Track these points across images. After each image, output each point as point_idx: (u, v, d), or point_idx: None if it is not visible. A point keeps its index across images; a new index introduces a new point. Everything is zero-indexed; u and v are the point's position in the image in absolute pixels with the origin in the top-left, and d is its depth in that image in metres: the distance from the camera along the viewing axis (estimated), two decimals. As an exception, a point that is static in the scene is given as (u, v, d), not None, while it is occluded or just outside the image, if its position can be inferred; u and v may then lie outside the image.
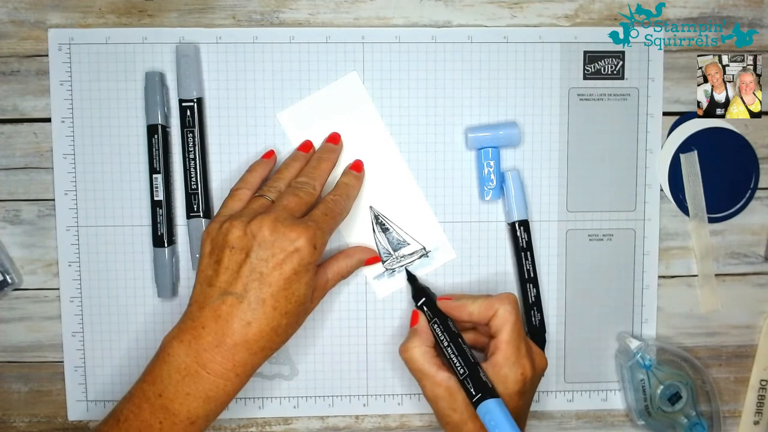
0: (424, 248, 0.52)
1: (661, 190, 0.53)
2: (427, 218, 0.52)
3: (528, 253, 0.51)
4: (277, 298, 0.42)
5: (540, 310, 0.52)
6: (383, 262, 0.52)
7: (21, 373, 0.53)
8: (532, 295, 0.52)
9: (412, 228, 0.52)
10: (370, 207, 0.52)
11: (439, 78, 0.52)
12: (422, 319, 0.48)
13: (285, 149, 0.51)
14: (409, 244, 0.52)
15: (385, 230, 0.52)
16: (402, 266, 0.52)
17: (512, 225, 0.51)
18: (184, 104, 0.50)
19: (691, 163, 0.53)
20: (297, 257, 0.43)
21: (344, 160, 0.51)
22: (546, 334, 0.52)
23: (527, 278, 0.51)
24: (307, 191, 0.47)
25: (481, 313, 0.46)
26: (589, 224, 0.53)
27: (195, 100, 0.50)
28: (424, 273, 0.52)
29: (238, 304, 0.42)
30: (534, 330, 0.52)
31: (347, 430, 0.54)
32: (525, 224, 0.51)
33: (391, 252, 0.52)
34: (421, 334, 0.47)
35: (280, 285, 0.43)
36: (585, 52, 0.52)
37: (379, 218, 0.52)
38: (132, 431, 0.42)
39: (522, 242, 0.51)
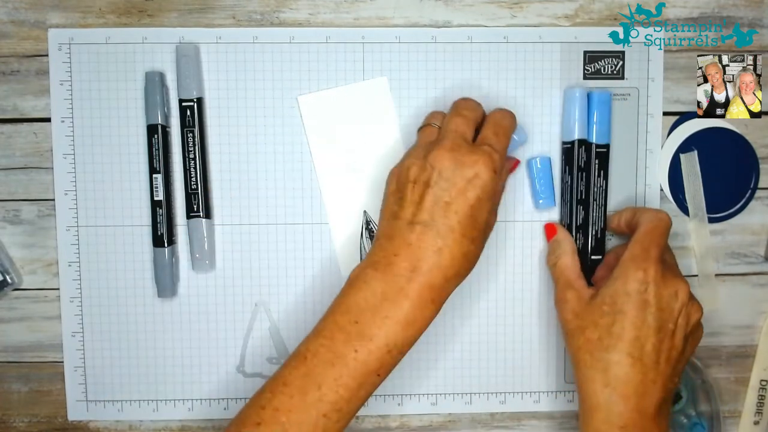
0: None
1: (661, 190, 0.53)
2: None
3: (583, 174, 0.50)
4: (464, 225, 0.43)
5: (585, 234, 0.51)
6: None
7: (21, 373, 0.53)
8: (580, 217, 0.50)
9: None
10: (364, 212, 0.52)
11: (439, 78, 0.52)
12: (560, 229, 0.51)
13: (285, 148, 0.51)
14: None
15: (372, 237, 0.52)
16: None
17: (571, 143, 0.50)
18: (184, 104, 0.50)
19: (691, 163, 0.53)
20: (479, 184, 0.43)
21: (351, 161, 0.51)
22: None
23: (579, 199, 0.50)
24: (471, 107, 0.47)
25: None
26: (589, 224, 0.53)
27: (195, 100, 0.50)
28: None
29: (427, 231, 0.42)
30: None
31: (347, 430, 0.54)
32: (585, 144, 0.50)
33: None
34: (565, 242, 0.50)
35: (466, 212, 0.43)
36: (585, 52, 0.52)
37: (369, 224, 0.52)
38: (321, 366, 0.42)
39: (580, 161, 0.50)
